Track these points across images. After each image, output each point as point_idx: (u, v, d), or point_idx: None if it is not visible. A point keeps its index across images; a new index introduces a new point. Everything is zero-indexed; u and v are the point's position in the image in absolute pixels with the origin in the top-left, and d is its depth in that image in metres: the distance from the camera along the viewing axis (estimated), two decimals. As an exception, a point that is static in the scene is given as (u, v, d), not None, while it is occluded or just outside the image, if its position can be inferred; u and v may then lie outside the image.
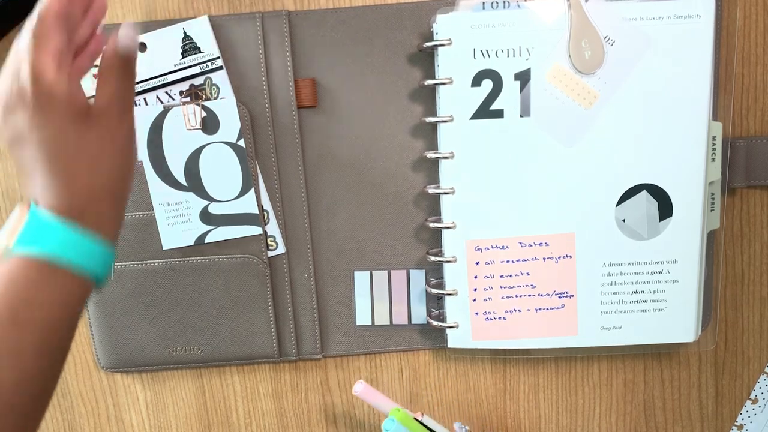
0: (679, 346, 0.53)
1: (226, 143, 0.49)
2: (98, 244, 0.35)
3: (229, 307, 0.52)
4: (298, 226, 0.52)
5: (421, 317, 0.53)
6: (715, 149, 0.48)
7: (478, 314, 0.50)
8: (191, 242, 0.51)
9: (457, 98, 0.47)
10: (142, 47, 0.48)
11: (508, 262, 0.50)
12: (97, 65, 0.37)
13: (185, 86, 0.49)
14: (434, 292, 0.51)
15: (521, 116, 0.47)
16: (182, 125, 0.49)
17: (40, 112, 0.33)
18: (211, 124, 0.49)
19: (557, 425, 0.56)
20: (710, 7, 0.45)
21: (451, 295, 0.50)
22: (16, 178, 0.50)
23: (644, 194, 0.48)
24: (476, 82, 0.47)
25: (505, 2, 0.46)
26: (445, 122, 0.48)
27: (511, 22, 0.46)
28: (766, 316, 0.53)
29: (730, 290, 0.53)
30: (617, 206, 0.48)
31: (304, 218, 0.51)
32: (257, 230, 0.51)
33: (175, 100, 0.49)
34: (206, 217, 0.50)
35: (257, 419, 0.56)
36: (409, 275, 0.53)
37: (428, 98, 0.50)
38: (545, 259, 0.49)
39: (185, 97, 0.49)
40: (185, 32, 0.48)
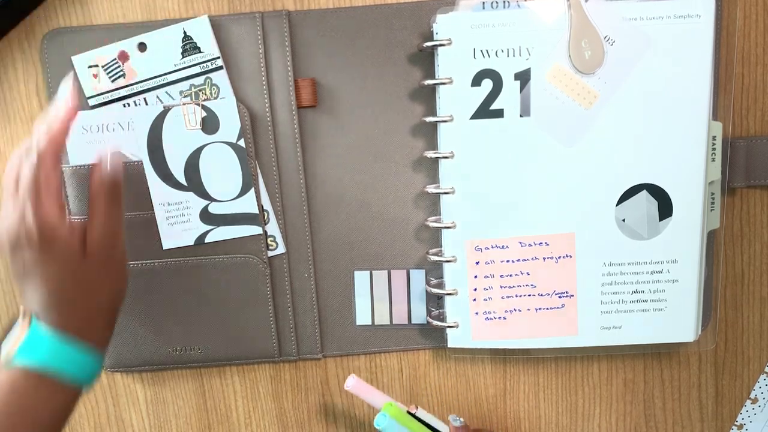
0: (679, 345, 0.53)
1: (226, 143, 0.49)
2: (91, 355, 0.40)
3: (229, 306, 0.52)
4: (298, 226, 0.52)
5: (421, 317, 0.53)
6: (715, 149, 0.48)
7: (478, 314, 0.50)
8: (191, 242, 0.51)
9: (457, 98, 0.47)
10: (142, 47, 0.48)
11: (508, 261, 0.50)
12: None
13: (185, 86, 0.49)
14: (434, 291, 0.51)
15: (521, 116, 0.47)
16: (182, 125, 0.49)
17: (44, 252, 0.38)
18: (211, 124, 0.49)
19: (557, 425, 0.56)
20: (710, 7, 0.45)
21: (451, 294, 0.50)
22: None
23: (644, 194, 0.48)
24: (476, 81, 0.47)
25: (505, 2, 0.46)
26: (445, 122, 0.48)
27: (511, 22, 0.46)
28: (766, 316, 0.53)
29: (730, 290, 0.53)
30: (617, 206, 0.48)
31: (304, 218, 0.51)
32: (257, 230, 0.51)
33: (175, 100, 0.49)
34: (206, 216, 0.50)
35: (257, 419, 0.56)
36: (409, 275, 0.53)
37: (428, 98, 0.50)
38: (545, 258, 0.49)
39: (185, 97, 0.49)
40: (185, 32, 0.48)
